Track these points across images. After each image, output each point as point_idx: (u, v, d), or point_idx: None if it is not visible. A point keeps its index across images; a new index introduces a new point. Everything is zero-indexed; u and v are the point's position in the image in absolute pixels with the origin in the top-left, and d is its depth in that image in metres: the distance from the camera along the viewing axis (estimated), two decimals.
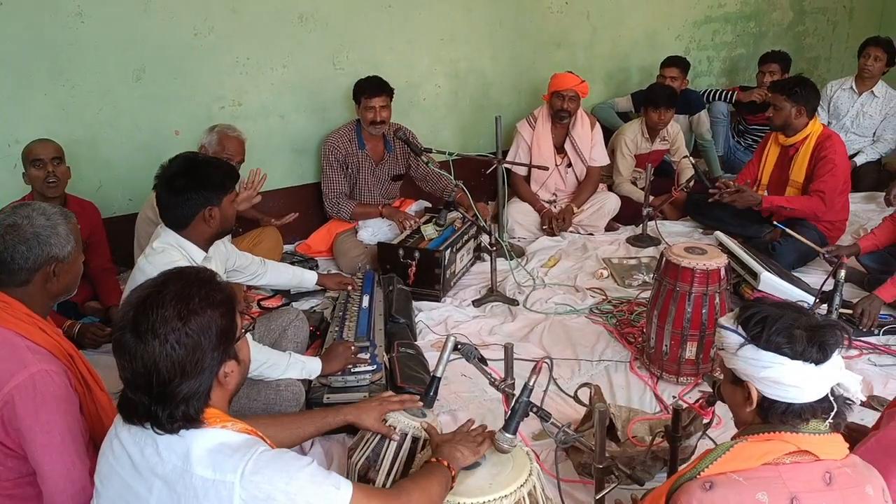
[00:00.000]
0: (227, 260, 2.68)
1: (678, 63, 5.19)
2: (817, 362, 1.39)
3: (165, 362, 1.33)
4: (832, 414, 1.42)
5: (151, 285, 1.41)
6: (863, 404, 1.89)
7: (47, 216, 1.81)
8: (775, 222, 3.83)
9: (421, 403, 2.01)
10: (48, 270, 1.81)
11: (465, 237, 3.97)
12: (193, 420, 1.37)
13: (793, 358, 1.40)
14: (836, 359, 1.42)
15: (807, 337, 1.40)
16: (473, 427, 1.89)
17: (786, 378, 1.40)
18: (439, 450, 1.75)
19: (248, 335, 2.42)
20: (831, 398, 1.42)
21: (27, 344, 1.71)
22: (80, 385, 1.80)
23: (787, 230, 3.72)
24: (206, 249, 2.44)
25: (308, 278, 3.06)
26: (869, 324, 3.19)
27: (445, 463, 1.68)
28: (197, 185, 2.32)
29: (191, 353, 1.34)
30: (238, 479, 1.31)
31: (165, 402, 1.34)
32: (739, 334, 1.46)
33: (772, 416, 1.45)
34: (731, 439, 1.49)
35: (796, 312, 1.46)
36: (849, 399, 1.45)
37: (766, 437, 1.41)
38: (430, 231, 3.91)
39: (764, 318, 1.44)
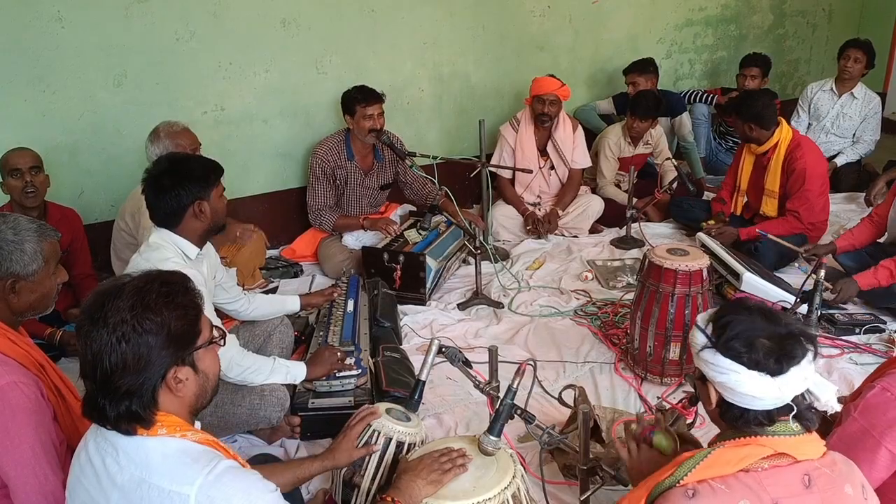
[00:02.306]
0: (217, 271, 2.67)
1: (635, 67, 5.18)
2: (773, 374, 1.37)
3: (109, 353, 1.31)
4: (791, 415, 1.41)
5: (122, 278, 1.40)
6: (841, 401, 1.89)
7: (17, 231, 1.78)
8: (759, 231, 3.86)
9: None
10: (6, 285, 1.77)
11: (455, 244, 3.99)
12: (141, 419, 1.33)
13: (749, 367, 1.38)
14: (800, 370, 1.39)
15: (767, 347, 1.38)
16: (451, 451, 1.83)
17: (741, 387, 1.40)
18: (396, 484, 1.72)
19: (233, 341, 2.43)
20: (791, 402, 1.41)
21: None
22: (53, 395, 1.78)
23: (767, 234, 3.77)
24: (199, 246, 2.44)
25: (291, 304, 3.03)
26: (839, 299, 3.28)
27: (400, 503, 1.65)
28: (184, 180, 2.33)
29: (135, 348, 1.31)
30: (194, 492, 1.28)
31: (109, 395, 1.32)
32: (705, 334, 1.46)
33: (729, 418, 1.45)
34: (709, 445, 1.49)
35: (766, 319, 1.42)
36: (814, 407, 1.43)
37: (744, 442, 1.41)
38: (413, 236, 3.91)
39: (728, 323, 1.43)
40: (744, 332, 1.40)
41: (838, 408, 1.43)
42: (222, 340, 1.51)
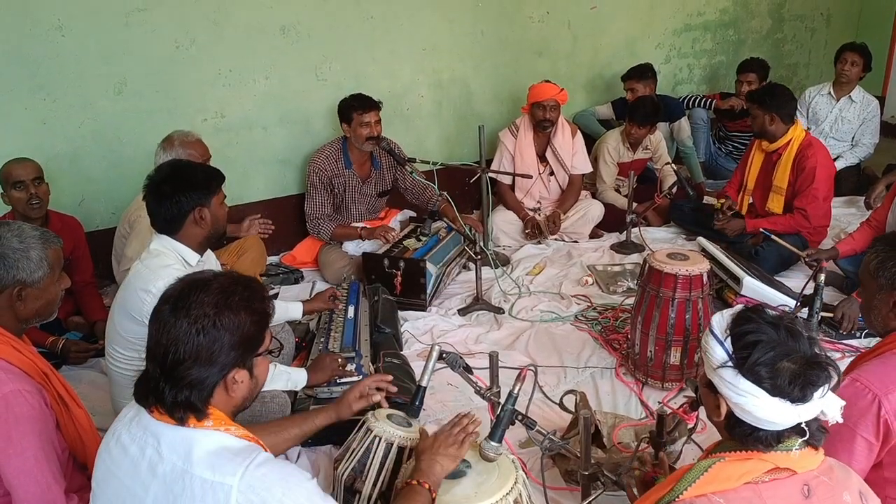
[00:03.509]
0: None
1: (634, 74, 5.19)
2: (795, 401, 1.32)
3: (186, 343, 1.37)
4: (801, 440, 1.36)
5: (210, 274, 1.48)
6: None
7: (21, 238, 1.79)
8: (761, 229, 3.87)
9: (390, 377, 2.08)
10: (13, 292, 1.78)
11: (455, 249, 4.00)
12: (196, 410, 1.39)
13: (772, 395, 1.32)
14: (822, 397, 1.33)
15: (792, 373, 1.32)
16: (458, 421, 1.84)
17: (759, 412, 1.34)
18: (418, 466, 1.73)
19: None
20: (804, 425, 1.36)
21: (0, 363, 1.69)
22: (57, 403, 1.79)
23: (770, 234, 3.78)
24: (200, 253, 2.45)
25: (294, 310, 3.04)
26: (849, 327, 3.24)
27: (427, 486, 1.67)
28: (185, 187, 2.34)
29: (211, 343, 1.38)
30: (237, 482, 1.32)
31: (172, 381, 1.38)
32: (725, 350, 1.39)
33: (736, 433, 1.41)
34: (708, 455, 1.46)
35: (793, 339, 1.35)
36: (823, 427, 1.39)
37: (746, 456, 1.38)
38: (412, 242, 3.91)
39: (755, 343, 1.35)
40: (771, 357, 1.33)
41: (840, 420, 1.41)
42: (277, 353, 1.56)
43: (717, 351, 1.41)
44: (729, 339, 1.39)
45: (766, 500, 1.34)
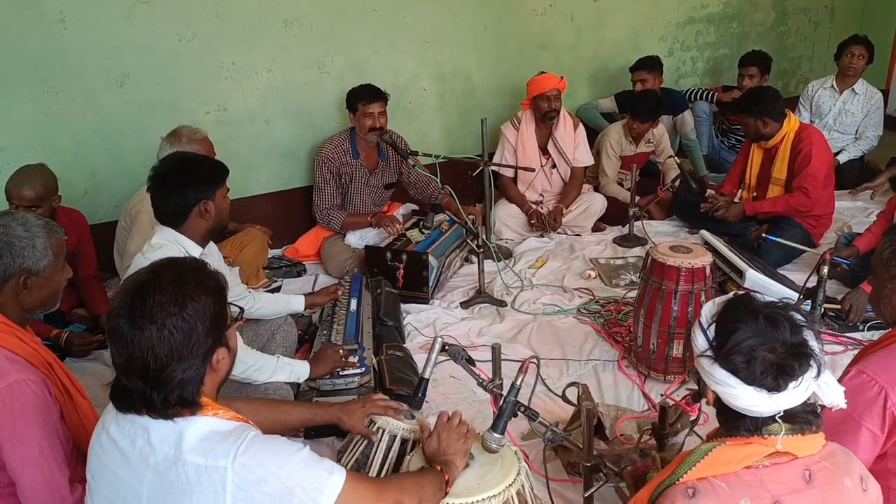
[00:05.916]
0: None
1: (643, 65, 5.17)
2: (771, 390, 1.32)
3: (163, 347, 1.34)
4: (787, 427, 1.36)
5: (146, 272, 1.41)
6: None
7: (26, 227, 1.80)
8: (769, 236, 3.83)
9: (405, 407, 2.02)
10: (18, 281, 1.79)
11: (456, 241, 3.99)
12: (189, 404, 1.38)
13: (746, 383, 1.33)
14: (798, 386, 1.34)
15: (765, 362, 1.32)
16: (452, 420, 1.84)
17: (736, 400, 1.36)
18: (434, 460, 1.74)
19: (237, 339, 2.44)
20: (778, 418, 1.36)
21: (4, 353, 1.70)
22: (61, 393, 1.79)
23: (775, 238, 3.75)
24: (202, 245, 2.46)
25: (296, 304, 3.05)
26: (856, 319, 3.24)
27: (446, 476, 1.67)
28: (191, 180, 2.36)
29: (187, 338, 1.35)
30: (230, 463, 1.31)
31: (161, 387, 1.35)
32: (707, 338, 1.41)
33: (726, 418, 1.42)
34: (709, 440, 1.47)
35: (772, 328, 1.34)
36: (814, 411, 1.39)
37: (745, 441, 1.39)
38: (415, 235, 3.92)
39: (731, 332, 1.35)
40: (748, 345, 1.33)
41: (843, 406, 1.41)
42: (239, 317, 1.54)
43: (699, 340, 1.43)
44: (712, 328, 1.41)
45: (769, 486, 1.35)
